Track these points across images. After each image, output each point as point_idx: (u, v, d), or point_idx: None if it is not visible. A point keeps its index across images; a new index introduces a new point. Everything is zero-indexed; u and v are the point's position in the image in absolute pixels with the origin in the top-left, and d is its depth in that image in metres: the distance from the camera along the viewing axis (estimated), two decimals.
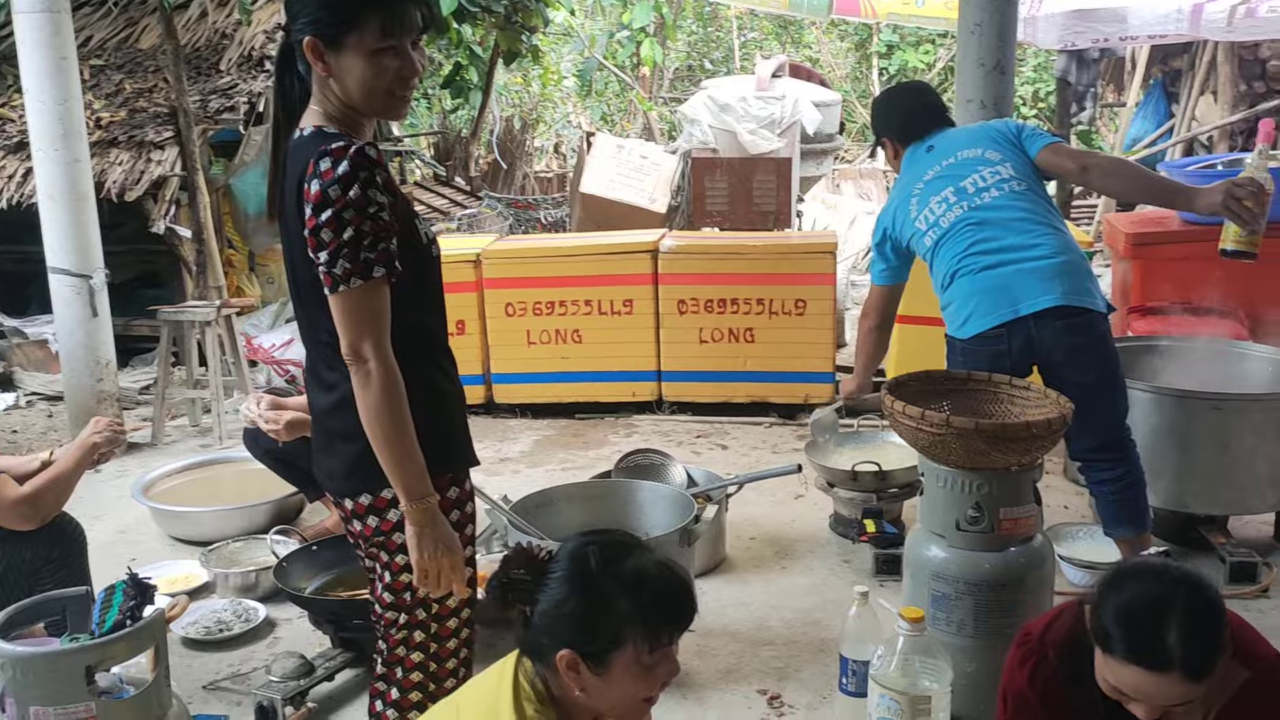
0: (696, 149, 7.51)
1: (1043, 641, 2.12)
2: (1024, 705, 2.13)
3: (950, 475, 2.84)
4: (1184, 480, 3.85)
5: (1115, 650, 1.86)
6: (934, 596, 2.90)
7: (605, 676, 1.82)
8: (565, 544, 1.92)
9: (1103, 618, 1.90)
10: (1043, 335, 3.23)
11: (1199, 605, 1.84)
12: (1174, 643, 1.80)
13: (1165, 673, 1.82)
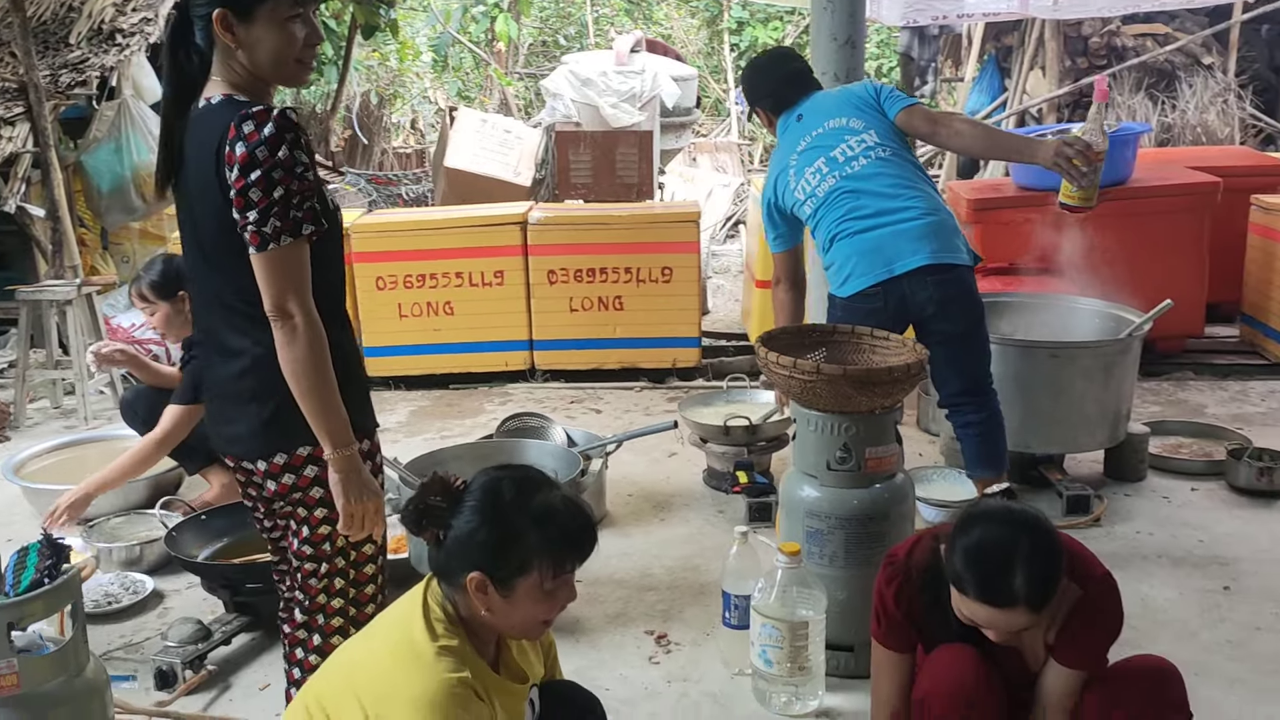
0: (560, 123, 7.63)
1: (907, 564, 2.36)
2: (893, 620, 2.36)
3: (820, 419, 3.07)
4: (1026, 423, 4.19)
5: (967, 591, 2.12)
6: (808, 532, 3.13)
7: (510, 599, 1.96)
8: (479, 475, 2.06)
9: (954, 560, 2.15)
10: (915, 291, 3.51)
11: (1039, 547, 2.10)
12: (1018, 583, 2.06)
13: (1011, 609, 2.08)
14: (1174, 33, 8.87)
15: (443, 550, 1.99)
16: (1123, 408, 4.34)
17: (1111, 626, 2.29)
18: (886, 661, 2.41)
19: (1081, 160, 3.35)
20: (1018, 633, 2.17)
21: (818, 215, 3.65)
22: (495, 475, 2.04)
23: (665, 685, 3.18)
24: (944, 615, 2.28)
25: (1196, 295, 5.95)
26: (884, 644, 2.40)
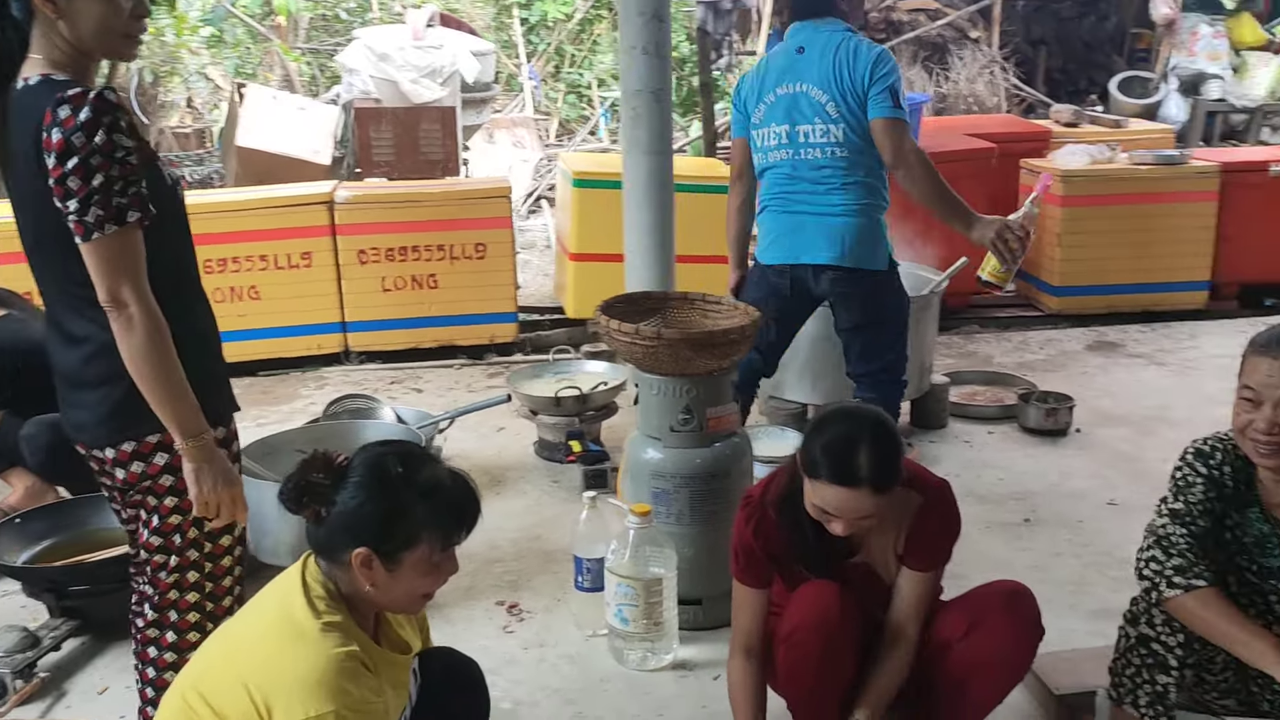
0: (358, 99, 7.46)
1: (762, 501, 2.50)
2: (751, 555, 2.50)
3: (662, 383, 3.18)
4: (841, 378, 4.41)
5: (821, 475, 2.28)
6: (654, 493, 3.24)
7: (396, 573, 1.97)
8: (361, 452, 2.05)
9: (811, 452, 2.31)
10: (818, 281, 3.69)
11: (881, 436, 2.30)
12: (863, 464, 2.25)
13: (858, 488, 2.25)
14: (944, 8, 9.40)
15: (325, 527, 1.98)
16: (926, 360, 4.64)
17: (953, 528, 2.50)
18: (746, 597, 2.54)
19: (1019, 246, 3.51)
20: (863, 523, 2.33)
21: (762, 171, 3.77)
22: (379, 451, 2.04)
23: (522, 652, 3.23)
24: (800, 538, 2.44)
25: (980, 253, 6.36)
26: (743, 581, 2.53)
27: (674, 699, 3.00)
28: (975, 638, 2.41)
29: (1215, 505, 2.46)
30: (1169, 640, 2.42)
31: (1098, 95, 9.13)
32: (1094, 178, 6.37)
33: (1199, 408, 5.07)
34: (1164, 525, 2.44)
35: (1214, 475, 2.48)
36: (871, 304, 3.74)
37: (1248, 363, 2.41)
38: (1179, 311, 6.50)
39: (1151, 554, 2.43)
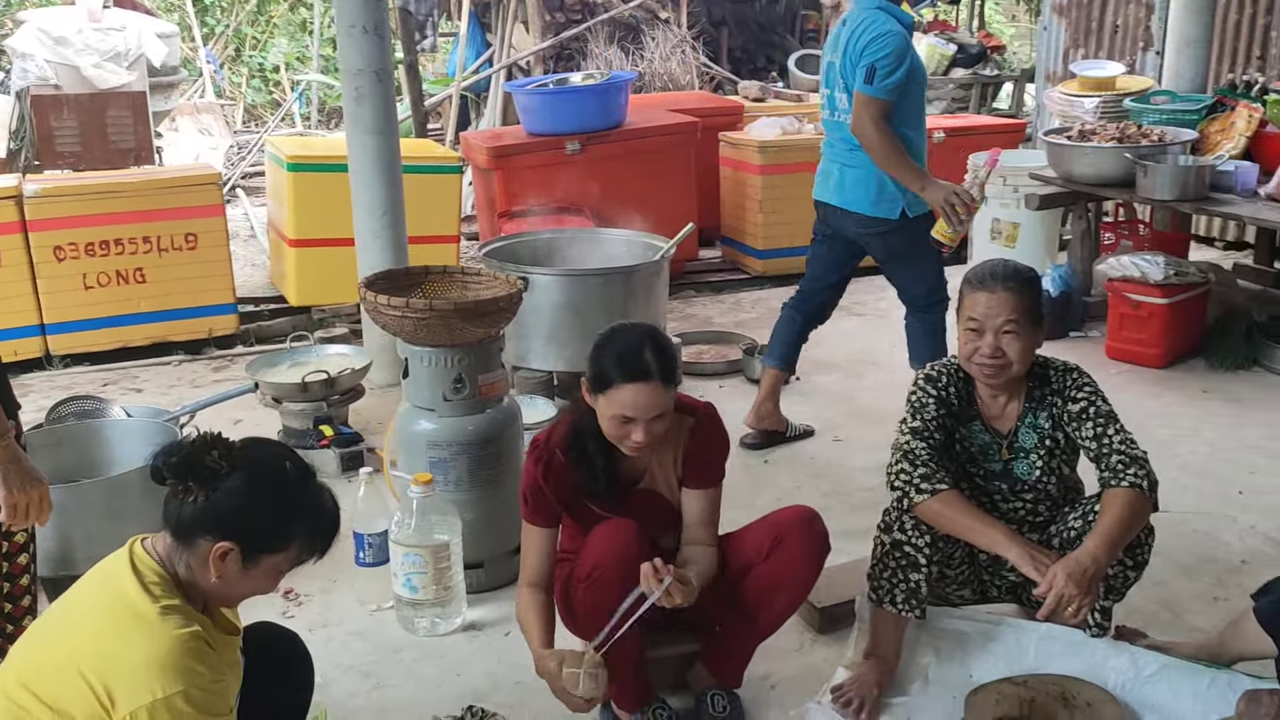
0: (35, 86, 6.91)
1: (549, 444, 2.65)
2: (540, 496, 2.64)
3: (434, 354, 3.24)
4: (583, 345, 4.52)
5: (615, 379, 2.49)
6: (432, 463, 3.29)
7: (249, 573, 1.97)
8: (254, 447, 2.03)
9: (600, 367, 2.53)
10: (845, 223, 4.23)
11: (659, 338, 2.58)
12: (650, 359, 2.50)
13: (650, 380, 2.48)
14: None
15: (194, 510, 1.92)
16: (661, 323, 4.90)
17: (724, 444, 2.76)
18: (534, 537, 2.68)
19: (964, 210, 3.87)
20: (655, 426, 2.52)
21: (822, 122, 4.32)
22: (277, 452, 2.04)
23: (309, 634, 3.19)
24: (593, 476, 2.63)
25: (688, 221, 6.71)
26: (532, 521, 2.67)
27: (469, 658, 3.09)
28: (777, 557, 2.66)
29: (946, 421, 2.81)
30: (918, 542, 2.75)
31: (777, 72, 9.79)
32: (787, 147, 6.86)
33: (896, 350, 5.60)
34: (907, 441, 2.77)
35: (942, 396, 2.83)
36: (886, 244, 4.23)
37: (967, 299, 2.77)
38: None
39: (900, 467, 2.75)
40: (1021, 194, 6.09)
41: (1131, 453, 2.67)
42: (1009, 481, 2.85)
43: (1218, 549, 3.59)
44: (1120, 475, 2.64)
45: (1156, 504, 2.67)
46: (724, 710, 2.73)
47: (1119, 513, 2.58)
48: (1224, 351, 5.26)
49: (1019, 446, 2.84)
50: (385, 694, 2.92)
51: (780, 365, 4.59)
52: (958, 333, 2.85)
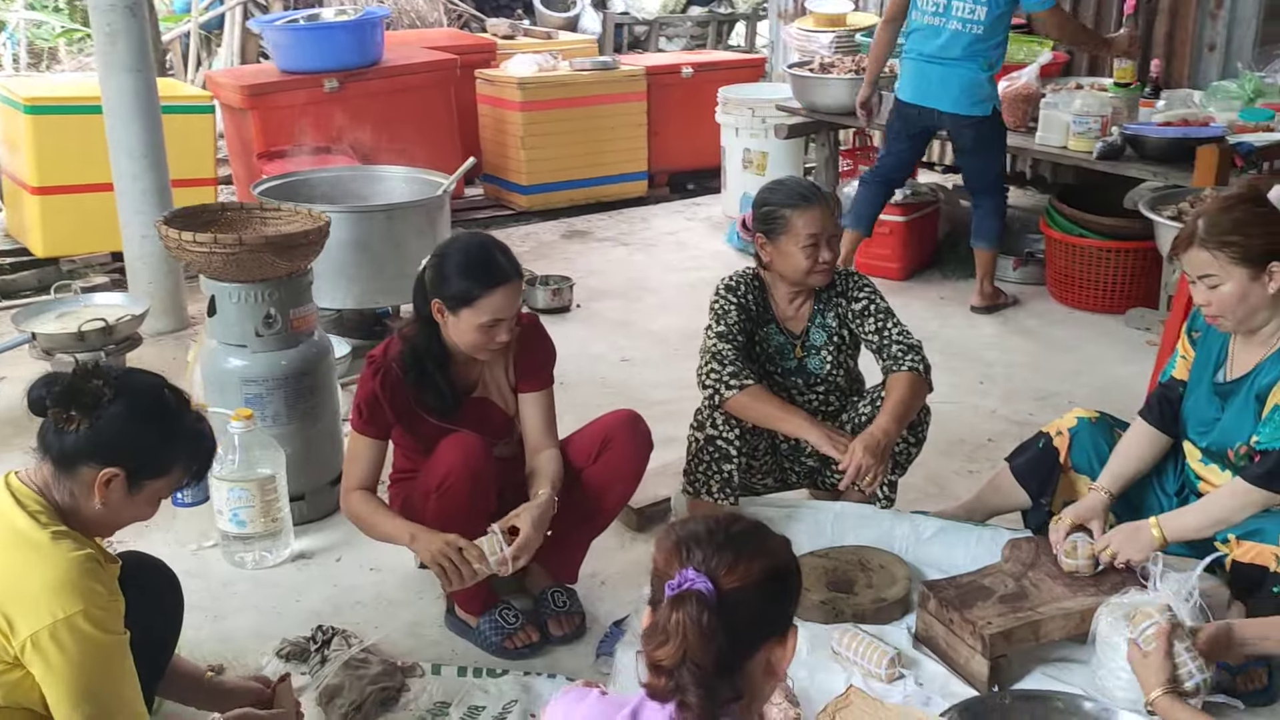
0: None
1: (386, 357, 2.76)
2: (376, 407, 2.75)
3: (244, 290, 3.23)
4: (373, 283, 4.64)
5: (480, 289, 2.63)
6: (247, 399, 3.29)
7: (132, 499, 1.99)
8: (133, 375, 2.04)
9: (454, 285, 2.65)
10: (939, 120, 5.02)
11: (500, 242, 2.73)
12: (503, 261, 2.68)
13: (510, 281, 2.65)
14: None
15: (76, 438, 1.91)
16: None
17: (551, 349, 2.97)
18: (364, 448, 2.78)
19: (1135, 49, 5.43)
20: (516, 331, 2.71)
21: (914, 30, 5.03)
22: (154, 381, 2.05)
23: None
24: (433, 389, 2.76)
25: (452, 158, 6.76)
26: (364, 432, 2.77)
27: (304, 586, 3.15)
28: (607, 458, 2.86)
29: (746, 325, 3.09)
30: (729, 435, 3.02)
31: (522, 10, 9.84)
32: (545, 84, 6.99)
33: (665, 275, 5.93)
34: (714, 344, 3.03)
35: (742, 303, 3.10)
36: (978, 138, 5.01)
37: (799, 218, 3.00)
38: (626, 199, 7.39)
39: (710, 367, 3.00)
40: (770, 125, 6.49)
41: (909, 341, 3.04)
42: (804, 376, 3.16)
43: (967, 431, 4.07)
44: (901, 361, 3.00)
45: (931, 385, 3.06)
46: (564, 605, 2.93)
47: (902, 393, 2.94)
48: (954, 263, 5.84)
49: (810, 345, 3.15)
50: (225, 624, 2.95)
51: (868, 230, 5.41)
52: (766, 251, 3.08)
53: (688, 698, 1.48)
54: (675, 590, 1.49)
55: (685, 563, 1.52)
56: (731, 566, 1.52)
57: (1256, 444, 2.63)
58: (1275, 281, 2.60)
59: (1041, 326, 5.12)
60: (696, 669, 1.48)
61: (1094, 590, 2.74)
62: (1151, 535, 2.71)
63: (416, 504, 2.77)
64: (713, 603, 1.49)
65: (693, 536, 1.55)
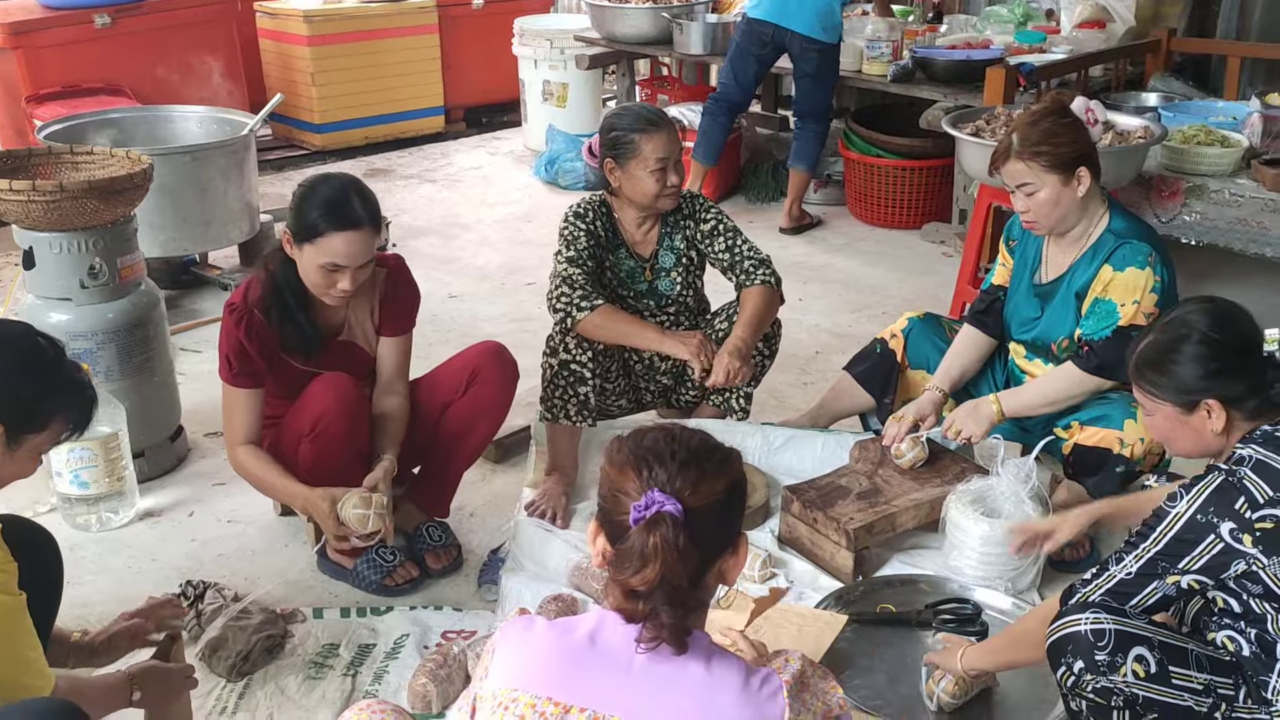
0: None
1: (246, 303, 2.66)
2: (245, 356, 2.66)
3: (66, 239, 3.03)
4: (181, 230, 4.43)
5: (325, 227, 2.56)
6: (75, 355, 3.09)
7: (13, 454, 1.88)
8: (4, 325, 1.93)
9: (306, 218, 2.58)
10: (791, 43, 5.18)
11: (364, 189, 2.66)
12: (358, 206, 2.60)
13: (361, 227, 2.59)
14: None
15: None
16: (254, 200, 4.78)
17: (416, 293, 2.92)
18: (240, 399, 2.69)
19: None
20: (363, 280, 2.63)
21: None
22: (26, 329, 1.93)
23: None
24: (297, 330, 2.69)
25: (241, 96, 6.47)
26: (237, 384, 2.68)
27: (159, 544, 3.03)
28: (474, 391, 2.86)
29: (596, 251, 3.13)
30: (582, 358, 3.07)
31: None
32: (333, 17, 6.75)
33: (478, 211, 5.89)
34: (564, 269, 3.06)
35: (591, 229, 3.14)
36: (821, 64, 5.22)
37: (649, 142, 3.04)
38: (424, 136, 7.25)
39: (560, 291, 3.04)
40: (569, 56, 6.50)
41: (759, 256, 3.17)
42: (655, 299, 3.24)
43: (796, 346, 4.26)
44: (753, 275, 3.13)
45: (783, 297, 3.20)
46: (440, 539, 2.93)
47: (757, 304, 3.08)
48: (758, 187, 6.05)
49: (660, 267, 3.23)
50: (80, 591, 2.80)
51: (715, 162, 5.61)
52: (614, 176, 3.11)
53: (662, 617, 1.50)
54: (644, 514, 1.48)
55: (649, 483, 1.51)
56: (696, 485, 1.52)
57: (1081, 336, 2.89)
58: (1083, 185, 2.85)
59: (847, 244, 5.38)
60: (672, 589, 1.49)
61: (939, 481, 2.97)
62: (992, 409, 2.94)
63: (285, 450, 2.71)
64: (684, 523, 1.49)
65: (652, 454, 1.54)
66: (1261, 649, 1.97)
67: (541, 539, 2.93)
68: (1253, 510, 1.90)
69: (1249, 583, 1.93)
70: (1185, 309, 2.10)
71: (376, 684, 2.49)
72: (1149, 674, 1.89)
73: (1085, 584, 2.06)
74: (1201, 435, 2.06)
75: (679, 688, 1.52)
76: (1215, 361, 2.01)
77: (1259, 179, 4.00)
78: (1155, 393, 2.08)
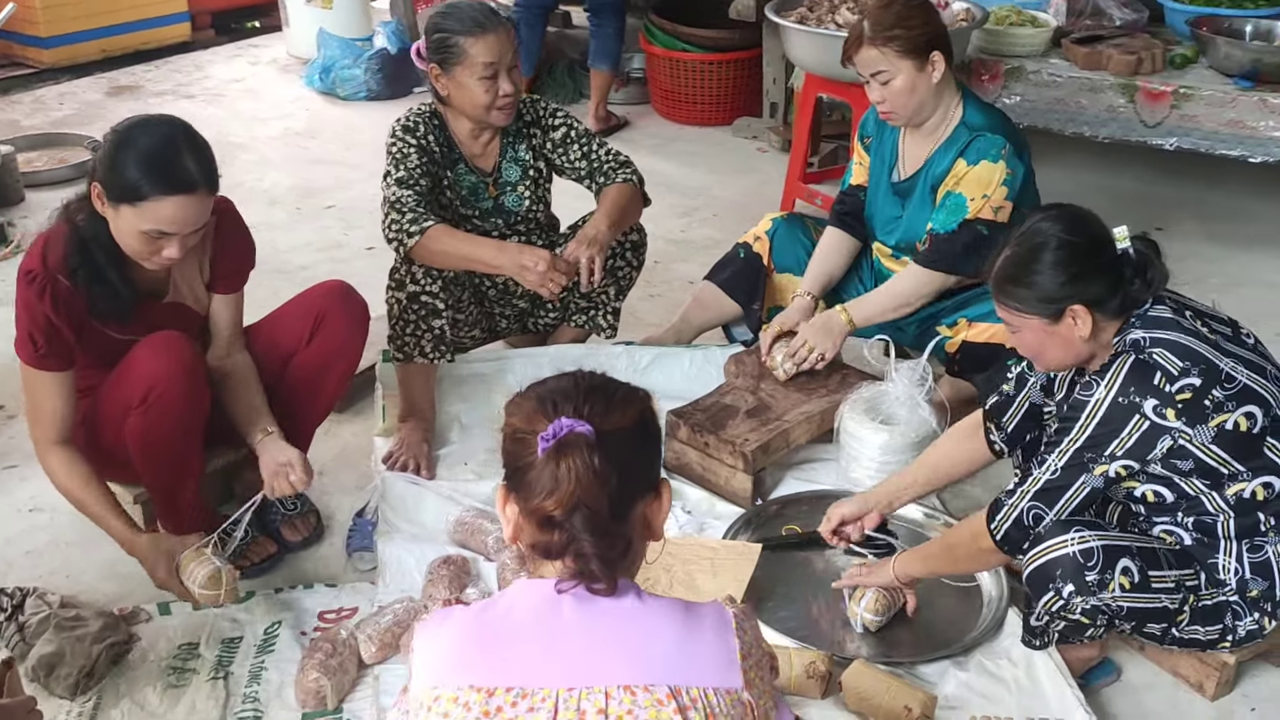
0: None
1: (47, 269, 2.17)
2: (53, 331, 2.19)
3: None
4: None
5: (149, 192, 2.09)
6: None
7: None
8: None
9: (125, 176, 2.09)
10: None
11: (198, 139, 2.18)
12: (192, 165, 2.13)
13: (194, 191, 2.13)
14: None
15: None
16: None
17: (251, 244, 2.51)
18: (49, 383, 2.23)
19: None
20: (193, 245, 2.21)
21: None
22: None
23: None
24: (112, 296, 2.22)
25: None
26: (45, 366, 2.21)
27: None
28: (322, 338, 2.49)
29: (430, 168, 2.79)
30: (432, 289, 2.76)
31: None
32: None
33: (252, 128, 5.33)
34: (393, 191, 2.72)
35: (423, 144, 2.80)
36: None
37: (477, 45, 2.70)
38: (170, 46, 6.50)
39: (390, 218, 2.70)
40: None
41: (620, 158, 2.93)
42: (503, 216, 2.94)
43: None
44: (613, 175, 2.90)
45: (648, 198, 2.97)
46: (295, 506, 2.58)
47: (616, 198, 2.87)
48: (555, 89, 5.72)
49: (504, 182, 2.93)
50: None
51: (533, 71, 5.34)
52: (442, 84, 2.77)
53: (582, 547, 1.35)
54: (553, 439, 1.35)
55: (555, 414, 1.38)
56: (605, 412, 1.40)
57: (931, 230, 2.80)
58: (937, 70, 2.74)
59: (659, 145, 5.16)
60: (590, 512, 1.36)
61: (825, 391, 2.85)
62: (840, 321, 2.84)
63: (104, 428, 2.30)
64: (596, 445, 1.36)
65: (555, 393, 1.42)
66: (1203, 533, 1.95)
67: (414, 495, 2.64)
68: (1170, 383, 1.88)
69: (1177, 461, 1.91)
70: (1035, 219, 2.05)
71: (255, 684, 2.17)
72: (1133, 584, 1.84)
73: (1010, 494, 2.00)
74: (1070, 343, 2.01)
75: (611, 623, 1.37)
76: (1074, 265, 1.97)
77: (1071, 58, 4.05)
78: (1019, 307, 2.01)
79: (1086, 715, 1.98)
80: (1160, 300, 1.97)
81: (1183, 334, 1.90)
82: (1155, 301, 1.97)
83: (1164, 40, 4.12)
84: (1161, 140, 3.88)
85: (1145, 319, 1.95)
